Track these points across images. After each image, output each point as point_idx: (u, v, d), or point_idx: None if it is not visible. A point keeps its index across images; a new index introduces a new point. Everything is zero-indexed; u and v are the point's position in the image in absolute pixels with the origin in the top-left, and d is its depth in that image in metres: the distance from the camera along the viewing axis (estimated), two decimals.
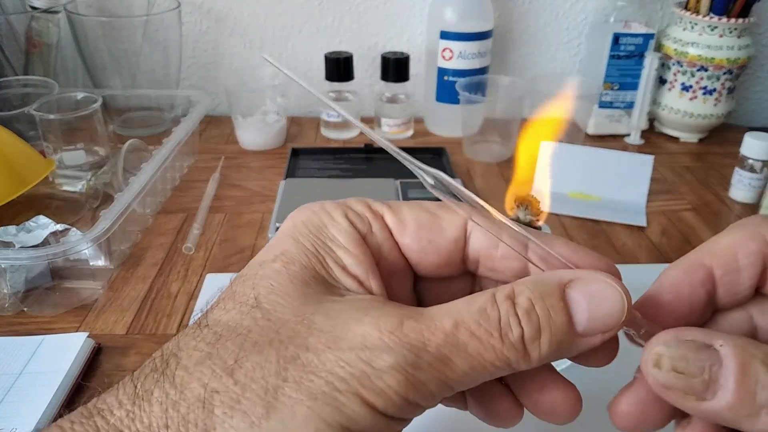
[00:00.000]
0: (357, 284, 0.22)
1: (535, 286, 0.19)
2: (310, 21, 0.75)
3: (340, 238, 0.22)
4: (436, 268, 0.24)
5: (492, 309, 0.19)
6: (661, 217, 0.56)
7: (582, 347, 0.20)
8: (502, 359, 0.19)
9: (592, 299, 0.19)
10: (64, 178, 0.57)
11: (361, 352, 0.18)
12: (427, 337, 0.19)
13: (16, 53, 0.67)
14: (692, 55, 0.67)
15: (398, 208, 0.24)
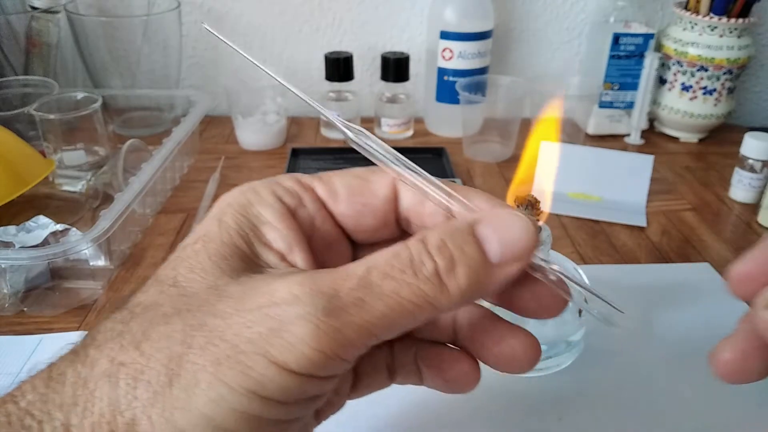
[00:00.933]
0: (280, 259, 0.21)
1: (444, 228, 0.19)
2: (310, 21, 0.75)
3: (265, 214, 0.22)
4: (374, 232, 0.24)
5: (403, 250, 0.19)
6: (661, 217, 0.56)
7: (500, 278, 0.19)
8: (419, 295, 0.18)
9: (500, 230, 0.19)
10: (64, 178, 0.57)
11: (269, 309, 0.18)
12: (338, 284, 0.18)
13: (16, 53, 0.67)
14: (692, 55, 0.67)
15: (328, 178, 0.24)
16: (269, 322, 0.17)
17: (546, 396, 0.35)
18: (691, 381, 0.36)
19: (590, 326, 0.39)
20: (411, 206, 0.23)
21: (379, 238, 0.24)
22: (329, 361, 0.18)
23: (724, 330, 0.42)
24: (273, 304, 0.18)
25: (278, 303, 0.18)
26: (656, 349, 0.39)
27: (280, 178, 0.23)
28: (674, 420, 0.33)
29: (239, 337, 0.17)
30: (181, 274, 0.20)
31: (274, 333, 0.17)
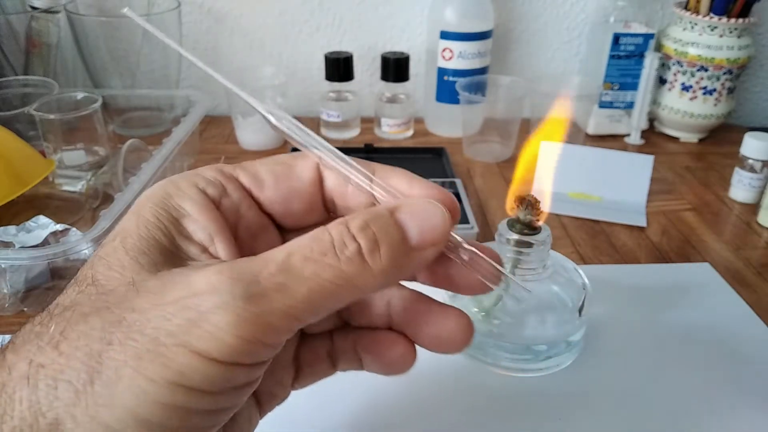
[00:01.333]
0: (201, 251, 0.21)
1: (367, 212, 0.20)
2: (311, 21, 0.75)
3: (186, 207, 0.21)
4: (301, 217, 0.24)
5: (323, 233, 0.19)
6: (661, 217, 0.56)
7: (418, 261, 0.20)
8: (341, 276, 0.18)
9: (418, 216, 0.20)
10: (64, 178, 0.57)
11: (187, 300, 0.17)
12: (258, 270, 0.18)
13: (16, 53, 0.67)
14: (692, 55, 0.67)
15: (251, 166, 0.24)
16: (188, 313, 0.17)
17: (546, 396, 0.35)
18: (691, 381, 0.36)
19: (590, 326, 0.39)
20: (335, 188, 0.24)
21: (307, 223, 0.24)
22: (252, 347, 0.18)
23: (724, 330, 0.43)
24: (192, 295, 0.18)
25: (197, 293, 0.18)
26: (656, 349, 0.39)
27: (201, 169, 0.23)
28: (673, 419, 0.33)
29: (159, 330, 0.17)
30: (99, 272, 0.19)
31: (194, 323, 0.17)
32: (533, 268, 0.36)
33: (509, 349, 0.36)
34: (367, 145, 0.66)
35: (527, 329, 0.36)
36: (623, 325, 0.41)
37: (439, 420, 0.33)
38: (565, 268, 0.38)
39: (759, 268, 0.49)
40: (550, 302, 0.37)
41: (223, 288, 0.17)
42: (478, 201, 0.58)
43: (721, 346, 0.39)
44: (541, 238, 0.35)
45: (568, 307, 0.36)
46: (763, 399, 0.35)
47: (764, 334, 0.40)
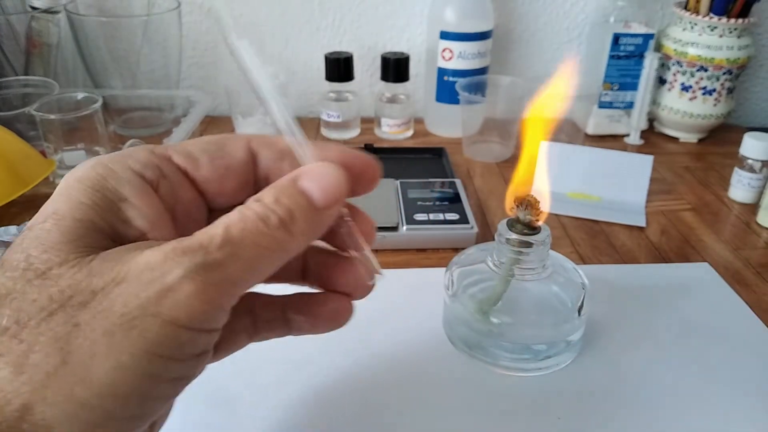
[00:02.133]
0: (141, 236, 0.21)
1: (273, 188, 0.22)
2: (311, 21, 0.75)
3: (123, 191, 0.21)
4: (234, 195, 0.24)
5: (247, 210, 0.21)
6: (661, 217, 0.56)
7: (328, 219, 0.23)
8: (274, 241, 0.21)
9: (318, 179, 0.22)
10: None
11: (149, 274, 0.18)
12: (207, 243, 0.19)
13: (16, 53, 0.67)
14: (692, 55, 0.68)
15: (183, 146, 0.24)
16: (155, 285, 0.18)
17: (545, 395, 0.35)
18: (690, 380, 0.36)
19: (590, 326, 0.39)
20: (271, 165, 0.25)
21: (237, 201, 0.24)
22: (215, 312, 0.20)
23: (723, 329, 0.43)
24: (151, 269, 0.19)
25: (155, 268, 0.19)
26: (655, 348, 0.39)
27: (131, 151, 0.23)
28: (673, 419, 0.34)
29: (128, 305, 0.18)
30: (32, 255, 0.19)
31: (163, 294, 0.18)
32: (533, 267, 0.36)
33: (508, 348, 0.36)
34: (367, 145, 0.66)
35: (526, 329, 0.36)
36: (622, 325, 0.41)
37: (438, 419, 0.33)
38: (564, 267, 0.38)
39: (758, 268, 0.49)
40: (549, 302, 0.37)
41: (183, 260, 0.19)
42: (477, 201, 0.58)
43: (720, 345, 0.39)
44: (540, 238, 0.35)
45: (568, 306, 0.36)
46: (762, 398, 0.35)
47: (763, 334, 0.40)
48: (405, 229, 0.49)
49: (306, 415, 0.33)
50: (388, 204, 0.52)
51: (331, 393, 0.35)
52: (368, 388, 0.35)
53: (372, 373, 0.36)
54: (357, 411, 0.34)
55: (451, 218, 0.50)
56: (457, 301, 0.37)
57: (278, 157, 0.24)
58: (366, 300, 0.45)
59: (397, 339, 0.39)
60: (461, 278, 0.38)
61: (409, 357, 0.38)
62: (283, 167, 0.24)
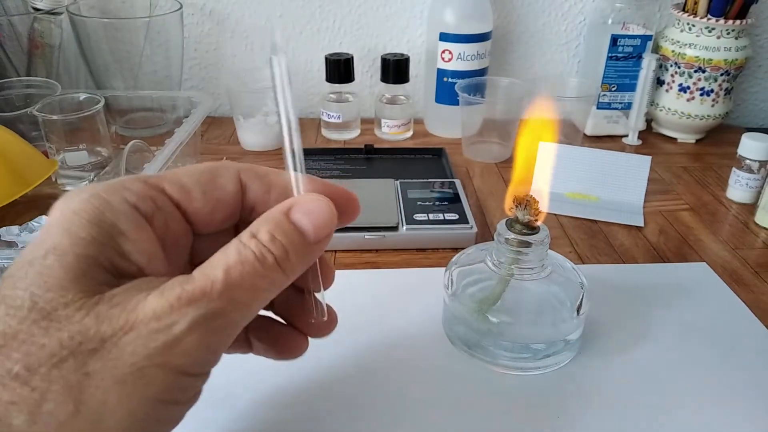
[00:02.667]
0: (139, 270, 0.21)
1: (267, 222, 0.23)
2: (311, 23, 0.76)
3: (120, 225, 0.21)
4: (221, 224, 0.25)
5: (245, 249, 0.21)
6: (659, 217, 0.57)
7: (318, 252, 0.24)
8: (270, 280, 0.22)
9: (310, 213, 0.23)
10: (66, 178, 0.57)
11: (156, 324, 0.19)
12: (209, 290, 0.20)
13: (18, 54, 0.67)
14: (690, 56, 0.68)
15: (176, 177, 0.24)
16: (162, 336, 0.19)
17: (544, 394, 0.35)
18: (688, 379, 0.37)
19: (588, 325, 0.39)
20: (258, 196, 0.25)
21: (222, 228, 0.26)
22: (216, 356, 0.22)
23: (722, 329, 0.43)
24: (158, 319, 0.19)
25: (162, 317, 0.19)
26: (653, 348, 0.39)
27: (125, 182, 0.23)
28: (672, 419, 0.34)
29: (136, 355, 0.19)
30: (36, 294, 0.19)
31: (170, 345, 0.19)
32: (532, 267, 0.36)
33: (508, 347, 0.36)
34: (367, 146, 0.66)
35: (526, 328, 0.36)
36: (621, 325, 0.41)
37: (437, 418, 0.34)
38: (563, 267, 0.39)
39: (756, 268, 0.49)
40: (548, 301, 0.37)
41: (188, 311, 0.20)
42: (477, 201, 0.59)
43: (719, 345, 0.39)
44: (539, 238, 0.36)
45: (567, 306, 0.37)
46: (760, 397, 0.35)
47: (761, 334, 0.41)
48: (405, 229, 0.49)
49: (305, 414, 0.34)
50: (388, 204, 0.52)
51: (330, 392, 0.35)
52: (368, 388, 0.35)
53: (372, 372, 0.37)
54: (357, 410, 0.34)
55: (451, 218, 0.51)
56: (457, 301, 0.38)
57: (266, 190, 0.25)
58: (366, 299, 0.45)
59: (396, 338, 0.39)
60: (461, 278, 0.39)
61: (408, 356, 0.38)
62: (270, 199, 0.25)
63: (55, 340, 0.18)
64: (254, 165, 0.26)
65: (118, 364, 0.18)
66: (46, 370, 0.18)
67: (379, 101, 0.71)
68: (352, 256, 0.49)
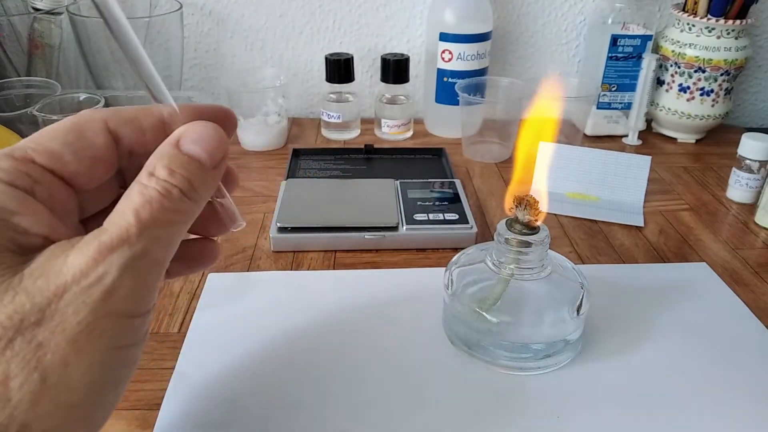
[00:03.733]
0: (45, 240, 0.21)
1: (160, 158, 0.23)
2: (311, 23, 0.76)
3: (8, 205, 0.21)
4: (100, 178, 0.25)
5: (147, 189, 0.22)
6: (659, 217, 0.57)
7: (219, 173, 0.25)
8: (181, 211, 0.23)
9: (200, 141, 0.24)
10: None
11: (86, 281, 0.20)
12: (126, 236, 0.21)
13: (18, 54, 0.67)
14: (690, 56, 0.68)
15: (41, 144, 0.23)
16: (97, 289, 0.20)
17: (544, 394, 0.35)
18: (688, 379, 0.37)
19: (588, 325, 0.39)
20: (133, 140, 0.25)
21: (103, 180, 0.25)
22: (154, 292, 0.22)
23: (721, 329, 0.43)
24: (85, 274, 0.20)
25: (89, 272, 0.20)
26: (653, 347, 0.39)
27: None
28: (672, 419, 0.34)
29: (78, 314, 0.19)
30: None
31: (107, 295, 0.20)
32: (532, 267, 0.36)
33: (508, 347, 0.37)
34: (367, 146, 0.66)
35: (526, 328, 0.37)
36: (621, 324, 0.41)
37: (437, 418, 0.34)
38: (563, 267, 0.39)
39: (756, 268, 0.49)
40: (548, 301, 0.37)
41: (113, 259, 0.20)
42: (477, 201, 0.59)
43: (719, 345, 0.39)
44: (539, 238, 0.36)
45: (567, 306, 0.37)
46: (760, 397, 0.35)
47: (761, 333, 0.41)
48: (405, 229, 0.49)
49: (305, 413, 0.34)
50: (388, 204, 0.52)
51: (330, 391, 0.35)
52: (368, 387, 0.35)
53: (371, 372, 0.37)
54: (356, 409, 0.34)
55: (451, 218, 0.51)
56: (457, 301, 0.38)
57: (140, 133, 0.25)
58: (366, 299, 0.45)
59: (396, 338, 0.39)
60: (461, 278, 0.39)
61: (408, 356, 0.38)
62: (146, 140, 0.25)
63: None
64: (119, 108, 0.25)
65: (66, 326, 0.19)
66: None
67: (379, 101, 0.72)
68: (352, 256, 0.49)
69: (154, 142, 0.25)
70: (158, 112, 0.25)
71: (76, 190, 0.24)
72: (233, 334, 0.39)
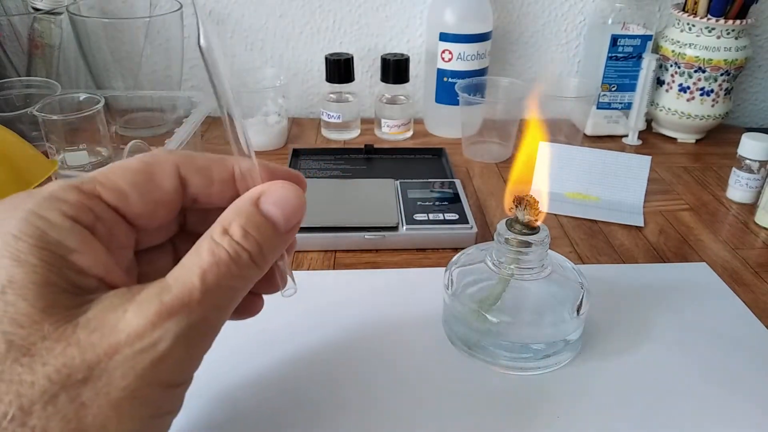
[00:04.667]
0: (99, 282, 0.21)
1: (238, 214, 0.23)
2: (311, 23, 0.76)
3: (67, 242, 0.20)
4: (160, 221, 0.25)
5: (219, 249, 0.22)
6: (659, 217, 0.57)
7: (290, 239, 0.24)
8: (246, 278, 0.22)
9: (280, 204, 0.23)
10: (67, 178, 0.57)
11: (140, 344, 0.19)
12: (188, 300, 0.20)
13: (18, 54, 0.67)
14: (690, 56, 0.68)
15: (110, 181, 0.23)
16: (148, 354, 0.19)
17: (544, 394, 0.35)
18: (688, 379, 0.37)
19: (588, 325, 0.39)
20: (200, 190, 0.25)
21: (163, 223, 0.25)
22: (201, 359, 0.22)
23: (721, 329, 0.43)
24: (140, 337, 0.19)
25: (144, 335, 0.19)
26: (653, 348, 0.39)
27: (57, 192, 0.21)
28: (671, 419, 0.34)
29: (127, 377, 0.19)
30: (9, 332, 0.18)
31: (158, 362, 0.20)
32: (532, 267, 0.36)
33: (508, 347, 0.37)
34: (367, 146, 0.66)
35: (526, 328, 0.37)
36: (621, 324, 0.41)
37: (437, 418, 0.34)
38: (563, 267, 0.39)
39: (756, 268, 0.49)
40: (548, 301, 0.37)
41: (170, 326, 0.20)
42: (477, 201, 0.59)
43: (719, 345, 0.39)
44: (539, 238, 0.36)
45: (567, 306, 0.37)
46: (760, 398, 0.35)
47: (761, 333, 0.41)
48: (405, 229, 0.49)
49: (304, 413, 0.34)
50: (388, 204, 0.52)
51: (329, 391, 0.35)
52: (367, 388, 0.35)
53: (371, 372, 0.37)
54: (356, 410, 0.34)
55: (451, 218, 0.51)
56: (457, 301, 0.38)
57: (208, 183, 0.25)
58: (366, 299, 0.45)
59: (396, 338, 0.39)
60: (461, 278, 0.39)
61: (408, 356, 0.38)
62: (212, 192, 0.25)
63: (42, 376, 0.18)
64: (192, 154, 0.25)
65: (111, 389, 0.19)
66: (40, 407, 0.18)
67: (379, 101, 0.71)
68: (352, 256, 0.49)
69: (220, 194, 0.25)
70: (231, 166, 0.25)
71: (135, 229, 0.24)
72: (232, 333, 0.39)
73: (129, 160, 0.24)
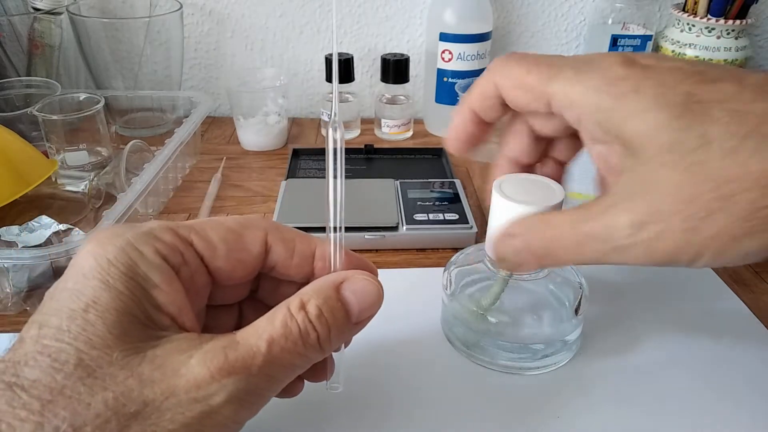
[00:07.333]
0: (171, 321, 0.22)
1: (317, 293, 0.24)
2: (311, 23, 0.76)
3: (154, 277, 0.22)
4: (238, 280, 0.26)
5: (292, 322, 0.22)
6: None
7: (356, 331, 0.25)
8: (306, 358, 0.23)
9: (360, 294, 0.25)
10: (66, 178, 0.57)
11: (195, 393, 0.20)
12: (250, 363, 0.21)
13: (18, 54, 0.67)
14: (690, 56, 0.68)
15: (204, 232, 0.25)
16: (199, 406, 0.20)
17: (543, 394, 0.35)
18: (688, 380, 0.37)
19: (587, 325, 0.39)
20: (280, 259, 0.26)
21: (240, 282, 0.26)
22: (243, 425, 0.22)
23: (721, 329, 0.43)
24: (199, 388, 0.20)
25: (202, 386, 0.20)
26: (653, 348, 0.39)
27: (156, 231, 0.23)
28: (671, 419, 0.34)
29: (175, 422, 0.20)
30: (82, 350, 0.20)
31: (207, 416, 0.20)
32: None
33: (506, 347, 0.36)
34: (367, 146, 0.66)
35: (524, 328, 0.36)
36: (620, 324, 0.41)
37: (436, 418, 0.34)
38: (562, 267, 0.39)
39: (756, 268, 0.49)
40: (547, 301, 0.37)
41: (227, 383, 0.20)
42: (477, 201, 0.59)
43: (718, 345, 0.39)
44: None
45: (565, 306, 0.37)
46: (760, 398, 0.35)
47: (761, 334, 0.41)
48: (405, 229, 0.49)
49: (304, 414, 0.34)
50: (388, 204, 0.52)
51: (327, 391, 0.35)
52: (366, 388, 0.35)
53: (370, 371, 0.37)
54: (355, 410, 0.34)
55: (451, 218, 0.51)
56: (456, 301, 0.38)
57: (289, 255, 0.26)
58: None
59: (395, 338, 0.39)
60: (459, 278, 0.39)
61: (407, 356, 0.38)
62: (291, 264, 0.26)
63: (100, 399, 0.19)
64: (281, 226, 0.27)
65: (156, 430, 0.19)
66: (90, 430, 0.18)
67: (379, 101, 0.71)
68: None
69: (298, 268, 0.26)
70: (314, 245, 0.27)
71: (213, 282, 0.25)
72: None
73: (226, 218, 0.26)
